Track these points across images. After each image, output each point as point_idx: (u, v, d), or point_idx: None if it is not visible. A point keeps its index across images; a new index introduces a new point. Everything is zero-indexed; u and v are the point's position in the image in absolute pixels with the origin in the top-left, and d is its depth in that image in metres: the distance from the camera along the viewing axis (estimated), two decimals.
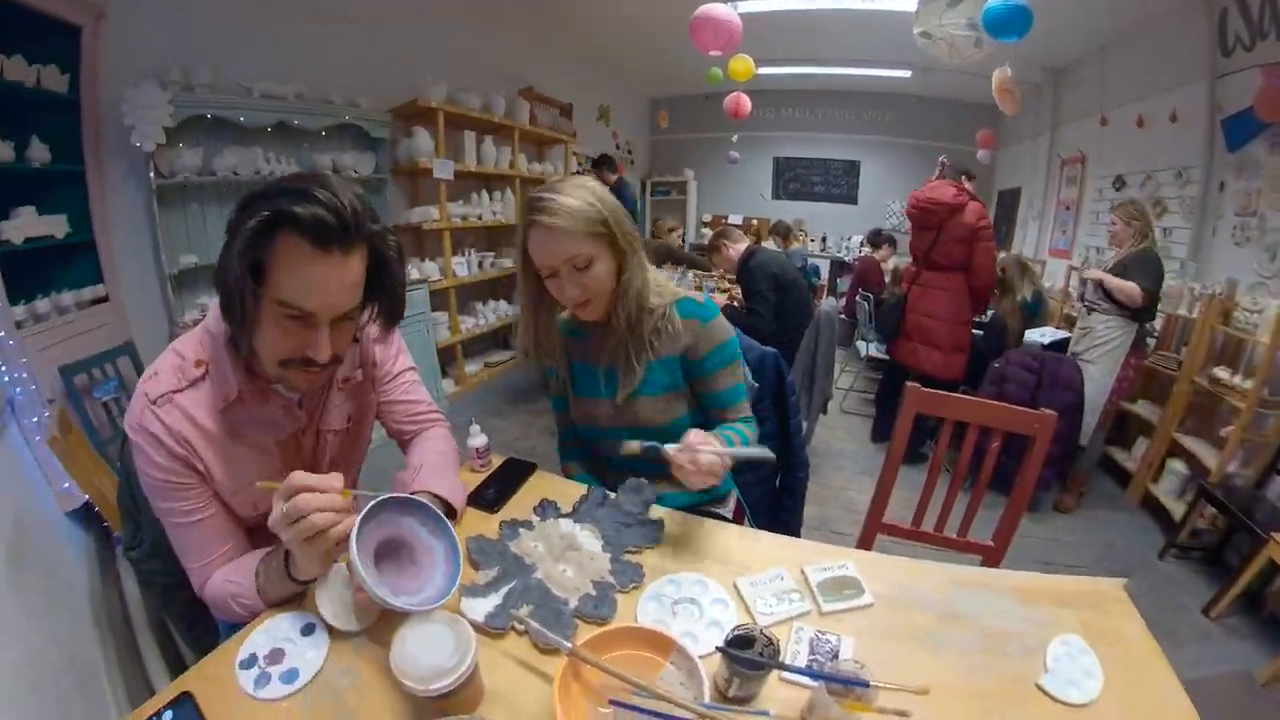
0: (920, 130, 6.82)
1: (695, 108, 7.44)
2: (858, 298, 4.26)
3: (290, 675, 0.73)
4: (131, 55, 2.63)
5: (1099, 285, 2.66)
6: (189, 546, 0.88)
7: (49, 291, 2.45)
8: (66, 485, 2.10)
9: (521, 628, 0.80)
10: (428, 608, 0.71)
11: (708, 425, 1.14)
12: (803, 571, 0.89)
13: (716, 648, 0.68)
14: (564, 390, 1.25)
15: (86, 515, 2.23)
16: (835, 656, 0.75)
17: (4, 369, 2.01)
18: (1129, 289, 2.53)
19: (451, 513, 0.99)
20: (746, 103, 4.88)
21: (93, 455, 2.02)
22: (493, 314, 4.68)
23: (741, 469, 1.41)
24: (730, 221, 7.33)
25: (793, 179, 7.62)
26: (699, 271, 3.98)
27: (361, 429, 1.09)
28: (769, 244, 4.67)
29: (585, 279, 1.03)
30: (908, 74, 5.83)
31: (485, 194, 4.48)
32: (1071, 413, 2.57)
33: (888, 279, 4.87)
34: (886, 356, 3.98)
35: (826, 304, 2.94)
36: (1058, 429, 1.32)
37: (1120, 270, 2.61)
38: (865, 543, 1.45)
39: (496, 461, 1.24)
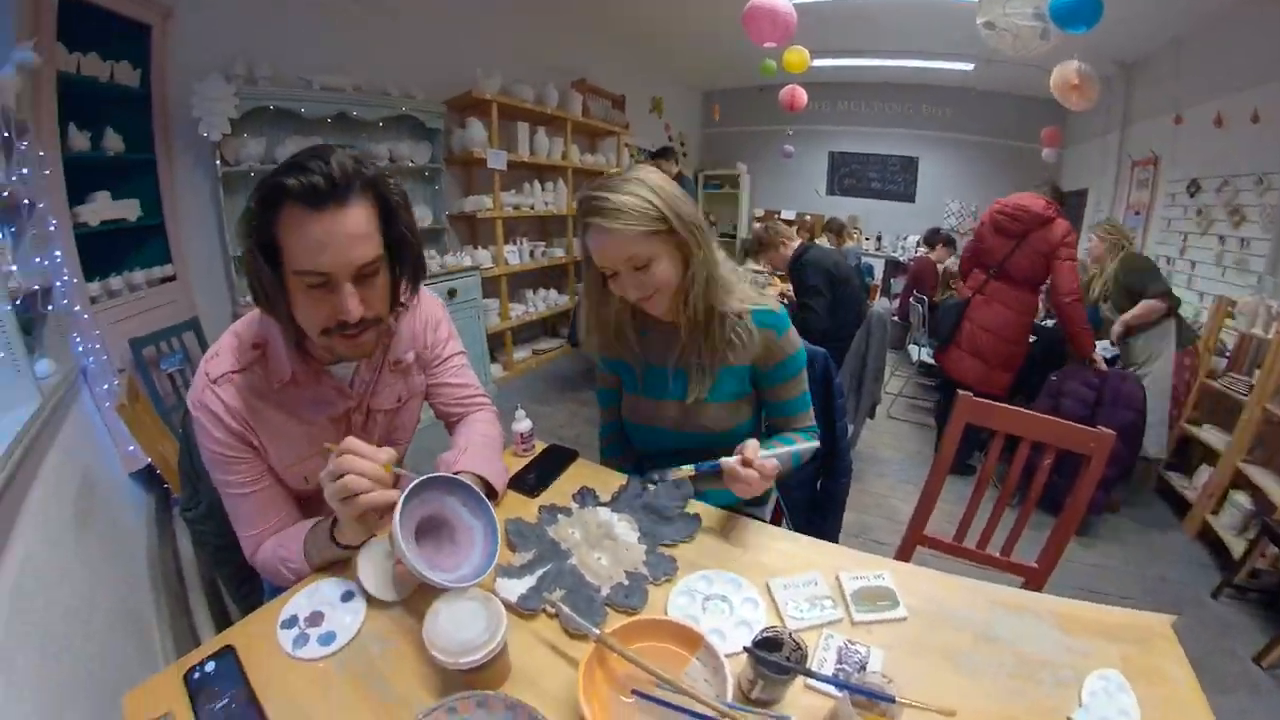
0: (982, 126, 6.56)
1: (749, 100, 7.33)
2: (912, 300, 4.13)
3: (327, 638, 0.77)
4: (197, 50, 2.78)
5: (1124, 329, 2.74)
6: (242, 516, 0.94)
7: (121, 270, 2.64)
8: (131, 448, 2.25)
9: (552, 611, 0.81)
10: (462, 585, 0.73)
11: (768, 433, 1.16)
12: (837, 578, 0.87)
13: (744, 647, 0.67)
14: (615, 386, 1.25)
15: (148, 477, 2.39)
16: (863, 668, 0.73)
17: (78, 340, 2.16)
18: (1147, 309, 2.59)
19: (492, 494, 1.01)
20: (802, 95, 4.78)
21: (157, 422, 2.14)
22: (542, 302, 4.75)
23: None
24: (783, 217, 7.23)
25: (848, 174, 7.44)
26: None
27: (410, 409, 1.12)
28: (822, 241, 4.57)
29: (646, 278, 1.00)
30: (969, 66, 5.60)
31: (538, 184, 4.56)
32: (1131, 433, 2.43)
33: (943, 281, 4.72)
34: (934, 362, 3.86)
35: (879, 305, 2.84)
36: (1115, 450, 1.25)
37: (1117, 287, 2.75)
38: (904, 554, 1.41)
39: (540, 447, 1.26)
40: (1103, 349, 2.71)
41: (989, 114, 6.43)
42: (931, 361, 3.88)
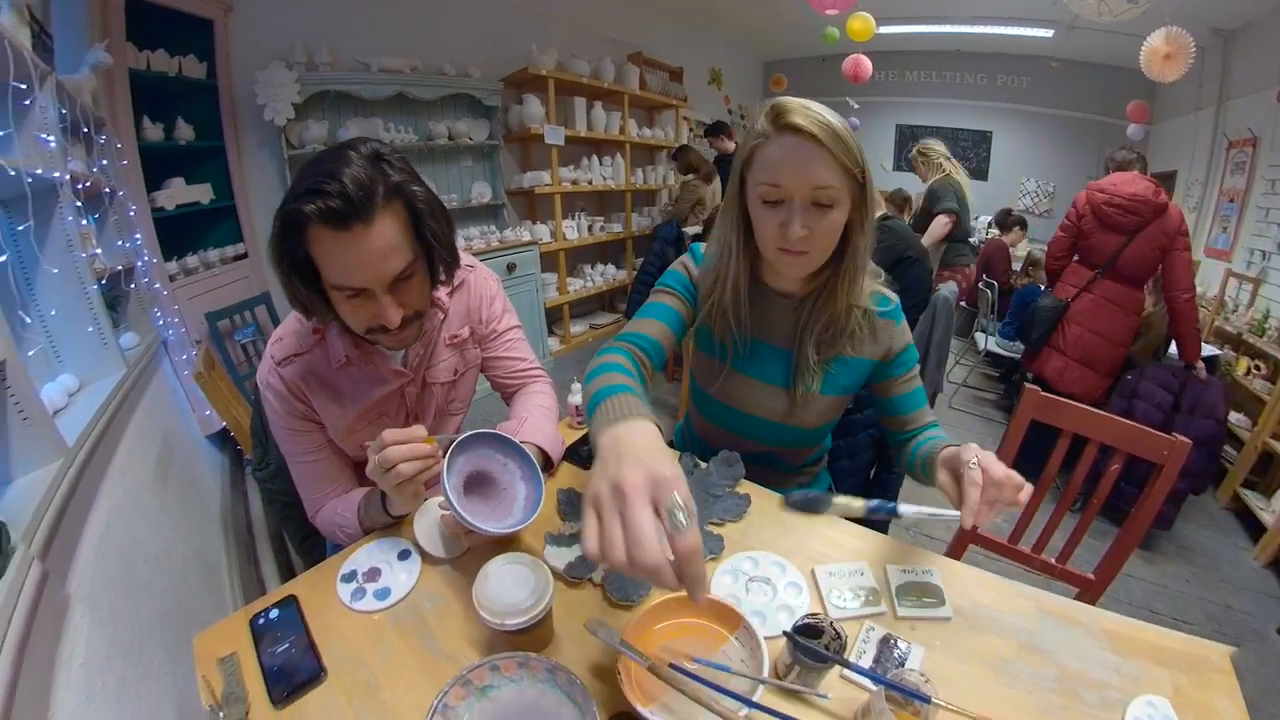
0: (1061, 98, 6.12)
1: (811, 71, 7.10)
2: (981, 284, 3.94)
3: (383, 593, 0.82)
4: (258, 41, 2.92)
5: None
6: (306, 481, 1.02)
7: (196, 249, 2.84)
8: (208, 413, 2.43)
9: (598, 580, 0.83)
10: (505, 532, 0.80)
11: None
12: (885, 570, 0.86)
13: (783, 632, 0.67)
14: (682, 311, 1.04)
15: (223, 439, 2.57)
16: (902, 664, 0.72)
17: (159, 314, 2.34)
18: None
19: (549, 463, 1.04)
20: (866, 65, 4.60)
21: (231, 388, 2.28)
22: (600, 277, 4.80)
23: (840, 455, 1.38)
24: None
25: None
26: None
27: (466, 381, 1.16)
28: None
29: (821, 220, 0.86)
30: (1049, 33, 5.22)
31: (595, 159, 4.57)
32: (1210, 445, 2.25)
33: (1016, 266, 4.48)
34: (1011, 355, 3.66)
35: (946, 288, 2.72)
36: (1190, 461, 1.16)
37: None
38: (955, 551, 1.37)
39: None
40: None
41: (1070, 85, 6.00)
42: (999, 351, 3.71)
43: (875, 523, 1.42)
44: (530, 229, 4.07)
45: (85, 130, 1.83)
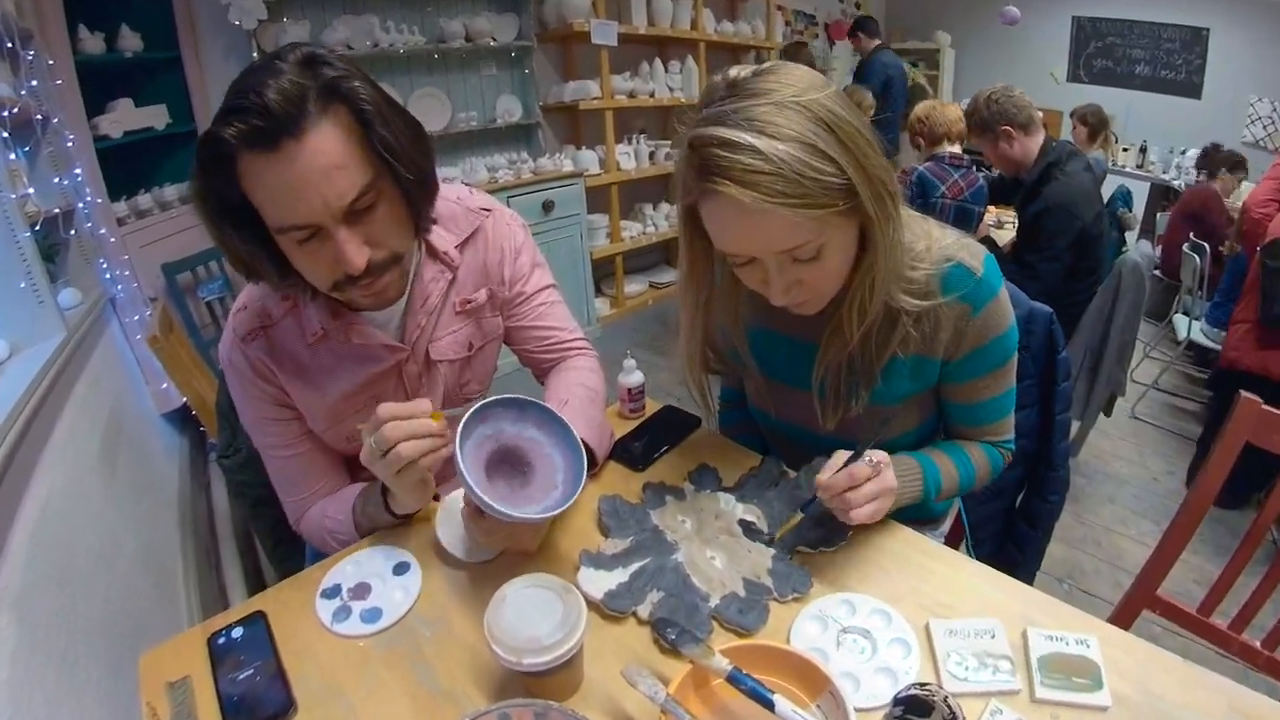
0: None
1: None
2: (1186, 248, 3.70)
3: (372, 614, 0.85)
4: None
5: None
6: (284, 480, 1.07)
7: (150, 186, 2.97)
8: (164, 386, 2.56)
9: (646, 616, 0.83)
10: (541, 517, 0.83)
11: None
12: (1024, 634, 0.83)
13: (894, 698, 0.66)
14: (747, 374, 1.14)
15: (182, 418, 2.72)
16: None
17: (105, 266, 2.48)
18: None
19: (593, 460, 1.05)
20: None
21: (194, 357, 2.41)
22: (665, 220, 4.79)
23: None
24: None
25: (1100, 52, 6.75)
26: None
27: (485, 357, 1.18)
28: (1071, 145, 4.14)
29: (810, 269, 0.84)
30: None
31: (659, 64, 4.57)
32: None
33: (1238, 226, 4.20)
34: (1212, 347, 3.45)
35: (1136, 250, 2.59)
36: None
37: None
38: (1123, 617, 1.32)
39: (651, 408, 1.29)
40: None
41: None
42: (1207, 342, 3.51)
43: (1018, 570, 1.40)
44: (573, 156, 4.10)
45: (9, 45, 1.91)
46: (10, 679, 0.92)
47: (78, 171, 2.41)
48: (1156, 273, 3.96)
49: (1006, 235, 3.10)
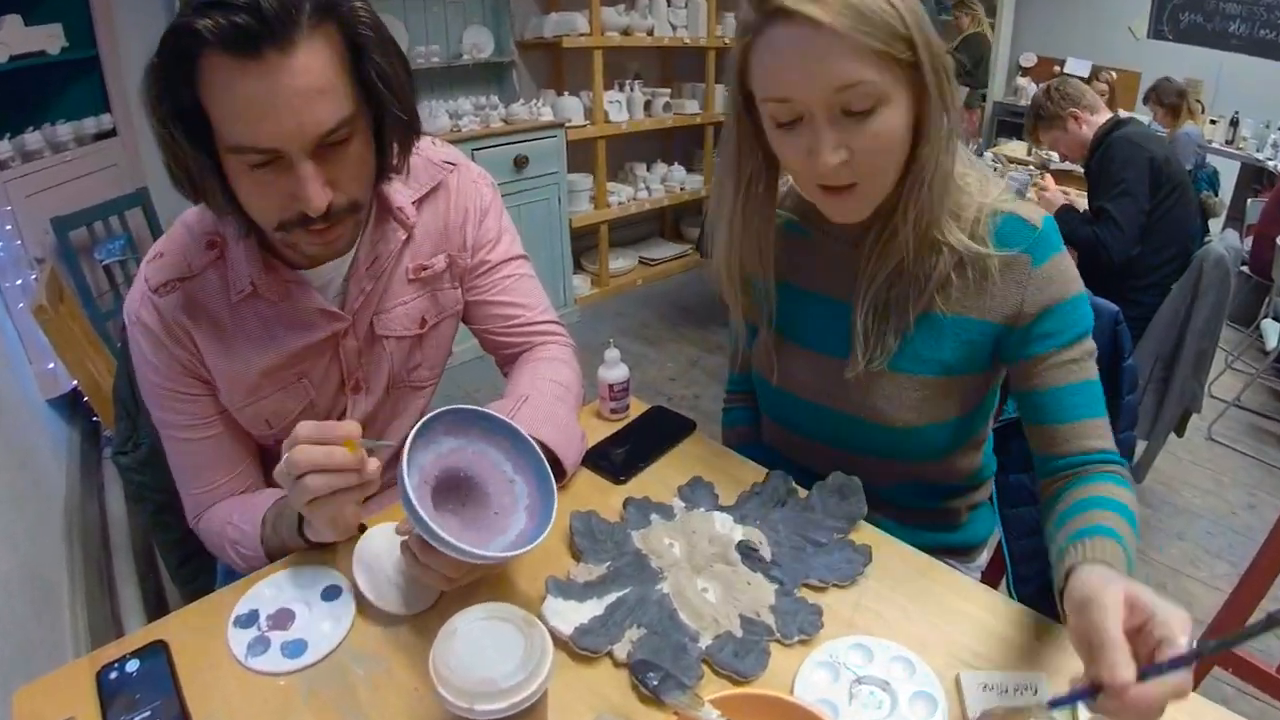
0: None
1: None
2: None
3: (295, 648, 0.84)
4: None
5: None
6: (185, 469, 1.07)
7: (40, 123, 2.91)
8: (51, 366, 2.54)
9: (623, 658, 0.83)
10: (506, 557, 0.81)
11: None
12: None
13: None
14: (762, 320, 1.19)
15: (72, 406, 2.69)
16: None
17: None
18: None
19: (560, 471, 1.05)
20: None
21: (88, 332, 2.39)
22: (660, 184, 4.81)
23: (1014, 501, 1.35)
24: (1069, 71, 6.71)
25: (1189, 4, 6.75)
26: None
27: (439, 336, 1.19)
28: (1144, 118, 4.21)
29: (861, 132, 0.87)
30: None
31: None
32: None
33: None
34: None
35: (1221, 241, 2.59)
36: None
37: None
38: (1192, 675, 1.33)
39: (638, 409, 1.29)
40: None
41: None
42: None
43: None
44: (553, 104, 4.09)
45: None
46: None
47: None
48: (1244, 269, 3.97)
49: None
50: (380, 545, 0.93)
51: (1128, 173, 2.59)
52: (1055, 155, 3.33)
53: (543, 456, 0.91)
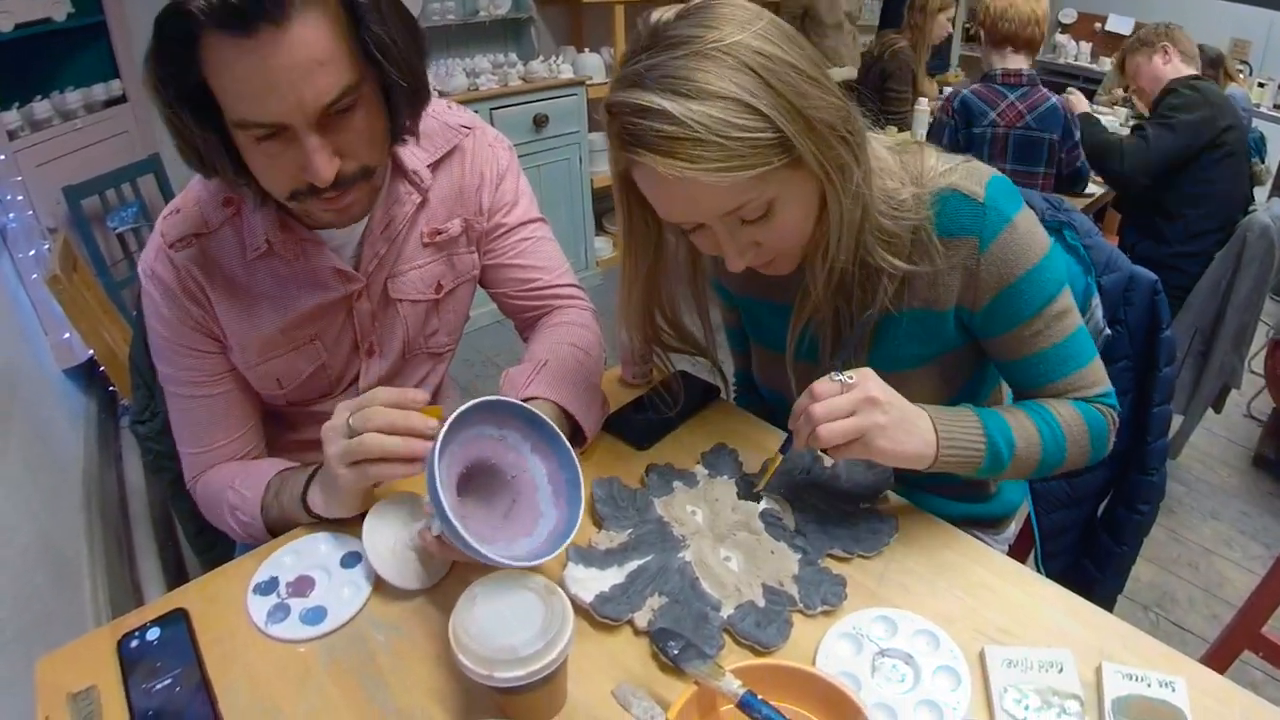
0: None
1: None
2: None
3: (315, 615, 0.86)
4: None
5: None
6: (186, 427, 1.09)
7: (49, 91, 2.91)
8: (66, 336, 2.56)
9: (644, 625, 0.84)
10: (531, 562, 0.79)
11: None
12: (1099, 669, 0.83)
13: None
14: (739, 326, 1.25)
15: (89, 375, 2.72)
16: None
17: None
18: None
19: (579, 436, 1.06)
20: None
21: (103, 300, 2.41)
22: None
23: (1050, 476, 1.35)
24: (1111, 29, 6.80)
25: None
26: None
27: (456, 301, 1.20)
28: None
29: (763, 229, 0.88)
30: None
31: None
32: None
33: None
34: None
35: (1266, 211, 2.53)
36: None
37: None
38: (1219, 658, 1.34)
39: (659, 374, 1.29)
40: None
41: None
42: None
43: (1096, 592, 1.40)
44: (574, 60, 4.06)
45: None
46: None
47: None
48: None
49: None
50: (391, 523, 0.93)
51: (1182, 114, 2.61)
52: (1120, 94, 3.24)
53: (560, 434, 0.90)
